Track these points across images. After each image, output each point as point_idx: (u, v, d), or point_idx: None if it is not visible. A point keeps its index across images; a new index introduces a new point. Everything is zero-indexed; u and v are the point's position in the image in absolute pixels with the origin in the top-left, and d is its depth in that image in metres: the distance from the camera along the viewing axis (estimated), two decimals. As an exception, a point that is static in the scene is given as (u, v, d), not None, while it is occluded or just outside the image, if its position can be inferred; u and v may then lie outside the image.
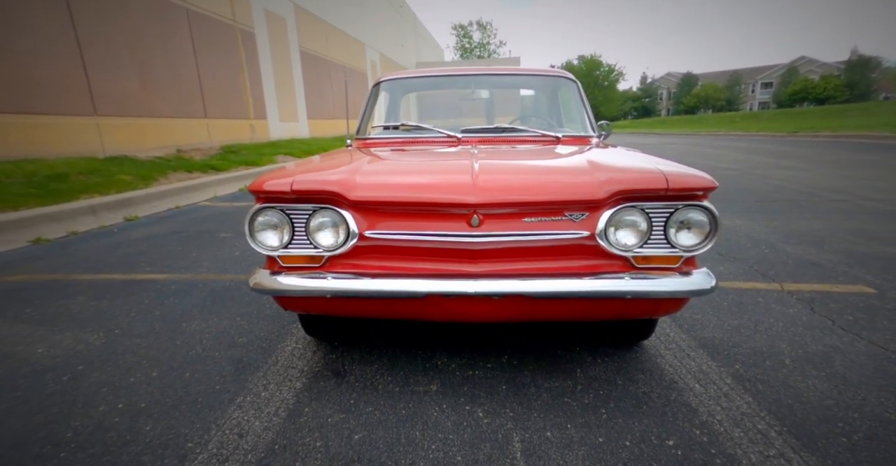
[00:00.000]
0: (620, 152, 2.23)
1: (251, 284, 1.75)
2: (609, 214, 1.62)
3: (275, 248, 1.72)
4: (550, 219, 1.64)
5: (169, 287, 3.01)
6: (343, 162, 2.10)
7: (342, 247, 1.69)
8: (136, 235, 4.53)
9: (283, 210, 1.71)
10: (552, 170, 1.89)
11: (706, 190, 1.63)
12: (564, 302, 1.67)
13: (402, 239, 1.67)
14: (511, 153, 2.29)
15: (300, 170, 1.86)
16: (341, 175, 1.77)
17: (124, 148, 8.11)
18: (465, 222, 1.63)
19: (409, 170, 1.95)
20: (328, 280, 1.68)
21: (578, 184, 1.67)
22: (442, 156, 2.27)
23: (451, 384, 1.88)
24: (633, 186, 1.62)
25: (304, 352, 2.16)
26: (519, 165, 1.98)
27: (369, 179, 1.74)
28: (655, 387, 1.83)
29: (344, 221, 1.68)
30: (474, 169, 1.74)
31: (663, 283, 1.63)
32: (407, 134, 2.86)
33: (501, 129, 2.74)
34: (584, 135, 2.81)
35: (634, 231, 1.66)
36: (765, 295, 2.73)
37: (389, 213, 1.69)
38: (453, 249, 1.65)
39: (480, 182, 1.63)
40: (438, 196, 1.63)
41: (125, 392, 1.83)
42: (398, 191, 1.69)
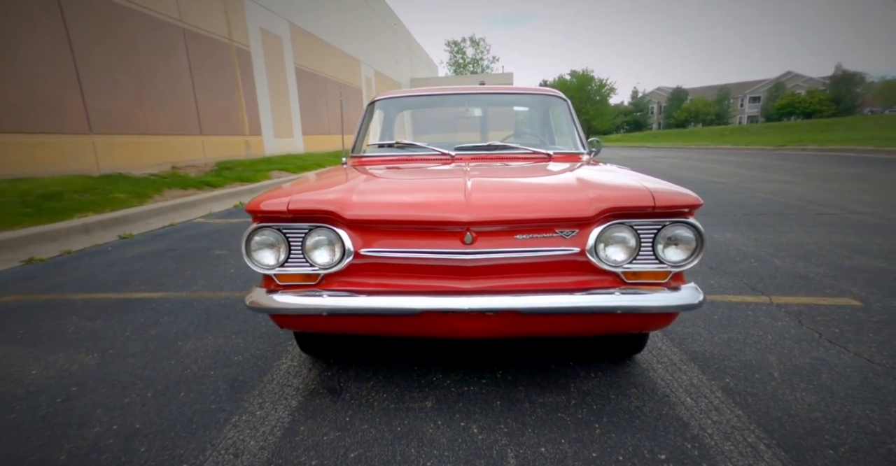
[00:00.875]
0: (609, 170, 2.29)
1: (247, 303, 1.77)
2: (598, 231, 1.66)
3: (271, 267, 1.75)
4: (542, 236, 1.69)
5: (164, 305, 3.02)
6: (338, 180, 2.14)
7: (338, 265, 1.72)
8: (131, 253, 4.54)
9: (279, 229, 1.75)
10: (543, 188, 1.94)
11: (692, 207, 1.68)
12: (556, 317, 1.71)
13: (396, 256, 1.70)
14: (503, 170, 2.35)
15: (296, 189, 1.90)
16: (337, 194, 1.81)
17: (119, 165, 8.14)
18: (459, 239, 1.66)
19: (403, 189, 1.99)
20: (324, 298, 1.71)
21: (568, 201, 1.72)
22: (436, 174, 2.32)
23: (446, 400, 1.90)
24: (621, 203, 1.67)
25: (299, 370, 2.17)
26: (511, 183, 2.03)
27: (364, 198, 1.78)
28: (648, 401, 1.85)
29: (339, 239, 1.71)
30: (467, 187, 1.78)
31: (652, 298, 1.67)
32: (401, 151, 2.92)
33: (494, 147, 2.80)
34: (574, 152, 2.87)
35: (623, 247, 1.70)
36: (754, 309, 2.78)
37: (384, 231, 1.72)
38: (447, 266, 1.69)
39: (473, 200, 1.68)
40: (432, 214, 1.67)
41: (120, 413, 1.83)
42: (393, 209, 1.73)
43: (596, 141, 3.19)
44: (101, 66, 7.97)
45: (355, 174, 2.31)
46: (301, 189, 1.91)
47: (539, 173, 2.31)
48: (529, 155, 2.75)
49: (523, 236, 1.68)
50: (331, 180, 2.22)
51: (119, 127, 8.35)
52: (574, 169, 2.28)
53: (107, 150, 7.96)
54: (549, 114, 3.71)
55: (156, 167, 9.08)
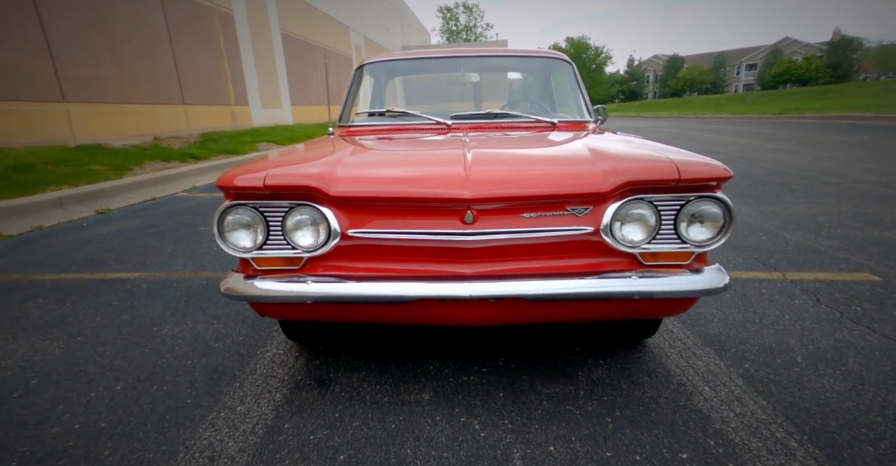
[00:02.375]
0: (622, 139, 2.08)
1: (223, 289, 1.58)
2: (615, 208, 1.49)
3: (248, 250, 1.56)
4: (551, 215, 1.51)
5: (140, 287, 2.82)
6: (323, 152, 1.93)
7: (323, 248, 1.54)
8: (108, 229, 4.30)
9: (256, 207, 1.55)
10: (552, 160, 1.73)
11: (720, 180, 1.50)
12: (566, 303, 1.55)
13: (388, 238, 1.52)
14: (505, 141, 2.13)
15: (274, 162, 1.69)
16: (320, 168, 1.60)
17: (98, 136, 7.77)
18: (458, 219, 1.48)
19: (394, 162, 1.78)
20: (308, 284, 1.53)
21: (581, 175, 1.52)
22: (431, 145, 2.11)
23: (445, 392, 1.74)
24: (641, 177, 1.48)
25: (285, 359, 2.00)
26: (515, 155, 1.82)
27: (351, 172, 1.58)
28: (663, 391, 1.71)
29: (324, 219, 1.52)
30: (467, 159, 1.58)
31: (673, 282, 1.51)
32: (393, 121, 2.69)
33: (493, 115, 2.57)
34: (580, 121, 2.65)
35: (642, 225, 1.53)
36: (768, 286, 2.63)
37: (374, 210, 1.53)
38: (445, 249, 1.51)
39: (474, 174, 1.48)
40: (428, 190, 1.47)
41: (83, 411, 1.66)
42: (383, 185, 1.53)
43: (602, 108, 2.96)
44: (72, 30, 7.49)
45: (342, 145, 2.09)
46: (280, 162, 1.70)
47: (545, 143, 2.09)
48: (532, 123, 2.53)
49: (530, 214, 1.50)
50: (314, 152, 2.01)
51: (95, 95, 7.93)
52: (583, 138, 2.07)
53: (83, 120, 7.57)
54: (550, 79, 3.47)
55: (137, 138, 8.71)
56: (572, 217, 1.51)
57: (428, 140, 2.23)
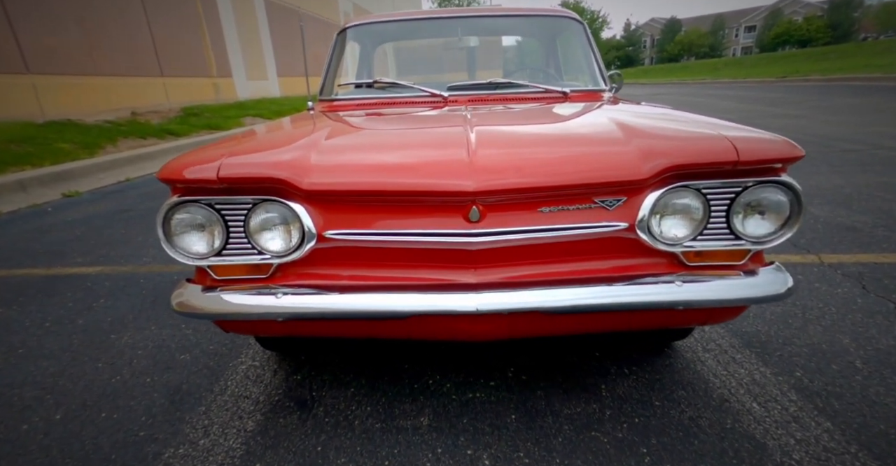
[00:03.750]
0: (653, 110, 1.77)
1: (174, 304, 1.30)
2: (654, 198, 1.20)
3: (203, 256, 1.26)
4: (575, 208, 1.22)
5: (102, 284, 2.51)
6: (295, 133, 1.62)
7: (295, 253, 1.25)
8: (73, 215, 3.95)
9: (210, 204, 1.24)
10: (575, 140, 1.41)
11: (788, 160, 1.21)
12: (593, 315, 1.27)
13: (375, 240, 1.23)
14: (513, 116, 1.81)
15: (232, 148, 1.37)
16: (290, 154, 1.29)
17: (69, 111, 7.29)
18: (461, 216, 1.18)
19: (381, 145, 1.45)
20: (278, 297, 1.24)
21: (614, 158, 1.23)
22: (426, 122, 1.79)
23: (447, 414, 1.48)
24: (690, 159, 1.19)
25: (261, 373, 1.73)
26: (529, 133, 1.49)
27: (328, 159, 1.27)
28: (704, 410, 1.45)
29: (296, 217, 1.22)
30: (470, 140, 1.27)
31: (724, 287, 1.23)
32: (382, 93, 2.34)
33: (496, 85, 2.22)
34: (594, 90, 2.32)
35: (687, 219, 1.24)
36: (804, 271, 2.35)
37: (357, 206, 1.24)
38: (446, 252, 1.22)
39: (480, 159, 1.18)
40: (423, 181, 1.17)
41: (8, 451, 1.38)
42: (367, 175, 1.23)
43: (617, 74, 2.61)
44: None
45: (320, 124, 1.77)
46: (238, 148, 1.38)
47: (561, 118, 1.77)
48: (541, 94, 2.19)
49: (549, 209, 1.21)
50: (284, 133, 1.68)
51: (63, 66, 7.40)
52: (607, 110, 1.74)
53: (50, 93, 7.07)
54: (556, 43, 3.10)
55: (112, 113, 8.22)
56: (601, 210, 1.22)
57: (422, 115, 1.91)
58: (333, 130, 1.58)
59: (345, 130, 1.65)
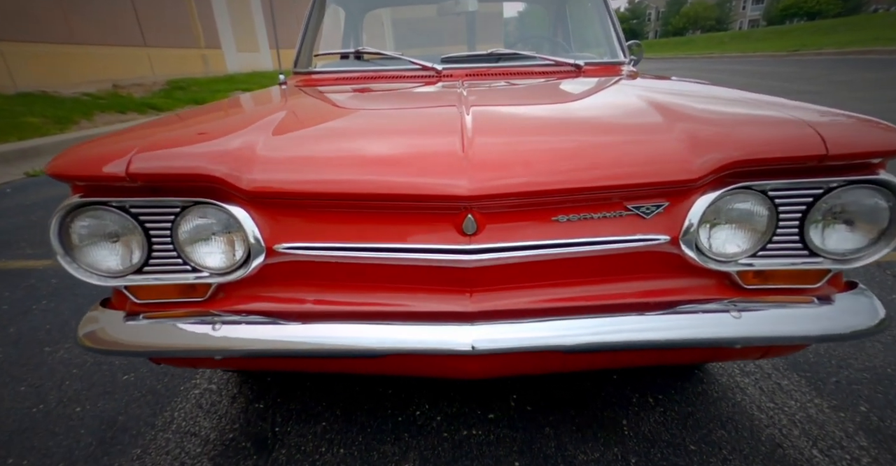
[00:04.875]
0: (692, 87, 1.46)
1: (80, 336, 1.01)
2: (706, 203, 0.91)
3: (118, 274, 0.98)
4: (600, 217, 0.93)
5: (48, 281, 2.22)
6: (248, 114, 1.33)
7: (239, 270, 0.96)
8: (33, 198, 3.62)
9: (124, 208, 0.93)
10: (601, 125, 1.09)
11: (888, 154, 0.90)
12: (620, 352, 1.00)
13: (340, 256, 0.94)
14: (519, 94, 1.50)
15: (153, 134, 1.07)
16: (229, 142, 1.00)
17: (43, 82, 6.86)
18: (452, 226, 0.89)
19: (350, 131, 1.13)
20: (216, 328, 0.96)
21: (654, 150, 0.95)
22: (412, 100, 1.49)
23: (438, 458, 1.21)
24: (761, 153, 0.90)
25: (216, 401, 1.45)
26: (540, 117, 1.17)
27: (279, 150, 0.98)
28: (753, 459, 1.17)
29: (238, 226, 0.92)
30: (465, 125, 0.96)
31: (794, 320, 0.96)
32: (366, 66, 2.02)
33: (497, 57, 1.89)
34: (612, 62, 1.99)
35: (747, 229, 0.96)
36: (847, 272, 2.06)
37: (317, 212, 0.96)
38: (432, 272, 0.95)
39: (477, 151, 0.88)
40: (402, 181, 0.88)
41: None
42: (328, 170, 0.93)
43: (636, 44, 2.27)
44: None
45: (282, 102, 1.47)
46: (160, 135, 1.06)
47: (579, 97, 1.45)
48: (550, 68, 1.86)
49: (567, 217, 0.92)
50: (231, 114, 1.37)
51: (35, 33, 6.93)
52: (633, 87, 1.42)
53: (21, 62, 6.62)
54: (565, 9, 2.75)
55: (92, 85, 7.77)
56: (635, 219, 0.93)
57: (408, 93, 1.60)
58: (294, 112, 1.26)
59: (309, 111, 1.34)
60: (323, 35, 2.37)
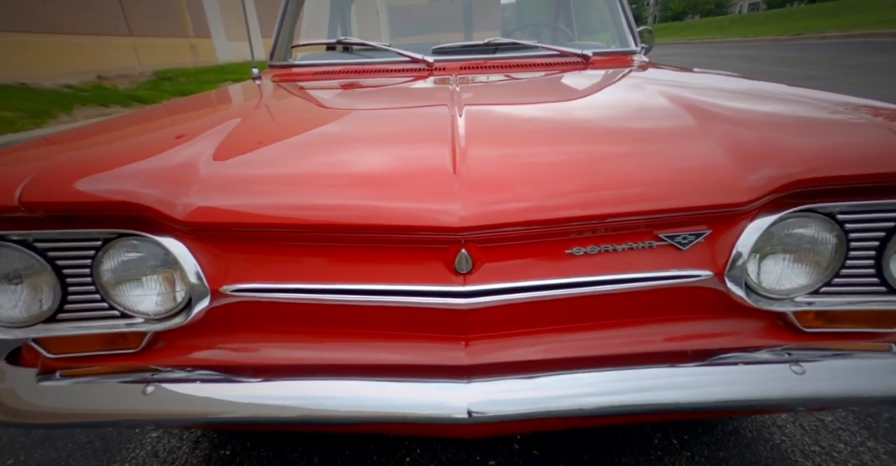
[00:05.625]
0: (724, 81, 1.27)
1: None
2: (760, 230, 0.73)
3: (23, 323, 0.79)
4: (627, 248, 0.73)
5: None
6: (199, 121, 1.12)
7: (179, 316, 0.78)
8: None
9: (26, 243, 0.74)
10: (622, 133, 0.89)
11: None
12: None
13: (304, 299, 0.76)
14: (519, 89, 1.33)
15: (65, 148, 0.88)
16: (163, 159, 0.82)
17: (24, 74, 6.59)
18: (442, 263, 0.70)
19: (315, 143, 0.92)
20: (150, 389, 0.77)
21: (693, 164, 0.77)
22: (397, 99, 1.31)
23: (427, 525, 1.02)
24: (833, 168, 0.72)
25: (176, 447, 1.26)
26: (547, 120, 0.97)
27: (225, 169, 0.79)
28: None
29: (175, 263, 0.74)
30: (456, 131, 0.77)
31: (871, 374, 0.77)
32: (350, 58, 1.82)
33: (495, 47, 1.69)
34: (623, 52, 1.79)
35: (809, 261, 0.77)
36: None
37: (273, 245, 0.76)
38: (418, 317, 0.78)
39: (472, 167, 0.71)
40: (377, 206, 0.70)
41: None
42: (284, 195, 0.73)
43: (647, 30, 2.07)
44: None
45: (246, 103, 1.28)
46: (72, 154, 0.86)
47: (589, 93, 1.26)
48: (554, 59, 1.67)
49: (583, 250, 0.73)
50: (175, 121, 1.17)
51: (12, 21, 6.65)
52: (653, 82, 1.22)
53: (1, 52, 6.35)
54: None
55: (76, 76, 7.49)
56: (669, 251, 0.75)
57: (394, 90, 1.40)
58: (254, 116, 1.05)
59: (272, 116, 1.13)
60: (304, 23, 2.16)
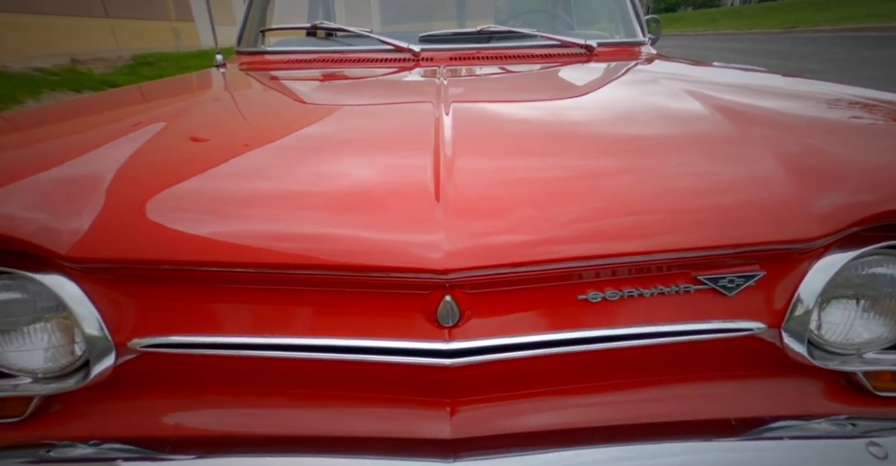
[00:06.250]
0: (758, 77, 1.14)
1: None
2: (831, 272, 0.56)
3: None
4: (657, 293, 0.56)
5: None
6: (112, 125, 0.94)
7: (75, 376, 0.59)
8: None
9: None
10: (645, 142, 0.72)
11: None
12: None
13: (240, 355, 0.56)
14: (517, 85, 1.21)
15: None
16: (58, 173, 0.63)
17: (-9, 57, 6.25)
18: (421, 314, 0.51)
19: (258, 152, 0.74)
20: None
21: (740, 184, 0.61)
22: (374, 92, 1.17)
23: None
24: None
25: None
26: (551, 125, 0.81)
27: (133, 186, 0.61)
28: None
29: (66, 309, 0.56)
30: (442, 140, 0.60)
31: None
32: (328, 46, 1.67)
33: (488, 35, 1.52)
34: (630, 42, 1.65)
35: (886, 308, 0.61)
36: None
37: (198, 288, 0.58)
38: (390, 375, 0.58)
39: (460, 187, 0.52)
40: (334, 238, 0.51)
41: None
42: (207, 222, 0.55)
43: (654, 20, 1.94)
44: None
45: (186, 98, 1.13)
46: None
47: (601, 91, 1.11)
48: (555, 49, 1.52)
49: (603, 296, 0.54)
50: (89, 122, 0.99)
51: (-22, 3, 6.29)
52: (674, 78, 1.07)
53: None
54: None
55: (48, 59, 7.13)
56: (711, 297, 0.58)
57: (370, 85, 1.26)
58: (188, 116, 0.87)
59: (212, 115, 0.95)
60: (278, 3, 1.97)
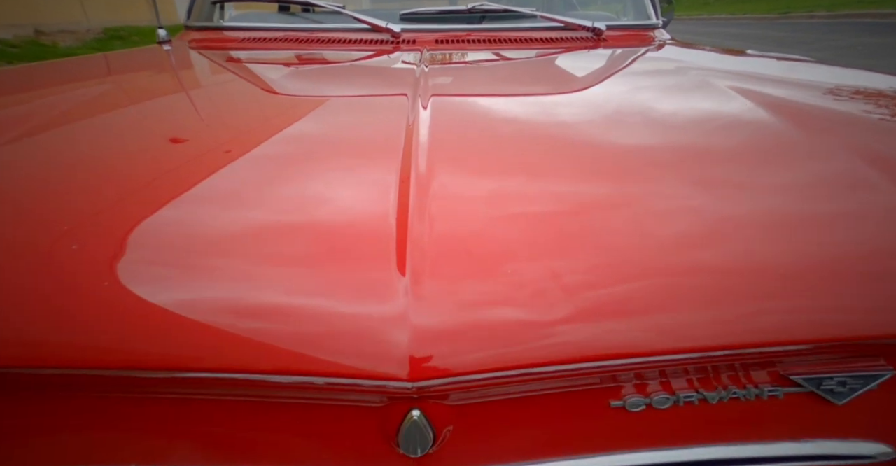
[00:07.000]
0: (812, 69, 0.98)
1: None
2: None
3: None
4: (724, 398, 0.30)
5: None
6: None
7: None
8: None
9: None
10: (704, 164, 0.51)
11: None
12: None
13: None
14: (516, 77, 1.04)
15: None
16: None
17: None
18: (380, 435, 0.24)
19: (159, 174, 0.50)
20: None
21: (855, 233, 0.39)
22: (339, 83, 0.96)
23: None
24: None
25: None
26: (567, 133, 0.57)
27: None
28: None
29: None
30: (416, 159, 0.39)
31: None
32: (293, 23, 1.41)
33: (481, 15, 1.29)
34: (642, 25, 1.44)
35: None
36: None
37: (63, 402, 0.31)
38: None
39: (435, 231, 0.28)
40: (251, 331, 0.27)
41: None
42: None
43: (667, 0, 1.73)
44: None
45: (95, 81, 1.02)
46: None
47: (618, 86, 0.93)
48: (557, 32, 1.30)
49: (645, 402, 0.27)
50: None
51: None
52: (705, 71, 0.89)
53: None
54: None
55: (9, 29, 6.65)
56: (810, 404, 0.32)
57: (339, 70, 1.08)
58: (73, 113, 0.65)
59: (108, 111, 0.74)
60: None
